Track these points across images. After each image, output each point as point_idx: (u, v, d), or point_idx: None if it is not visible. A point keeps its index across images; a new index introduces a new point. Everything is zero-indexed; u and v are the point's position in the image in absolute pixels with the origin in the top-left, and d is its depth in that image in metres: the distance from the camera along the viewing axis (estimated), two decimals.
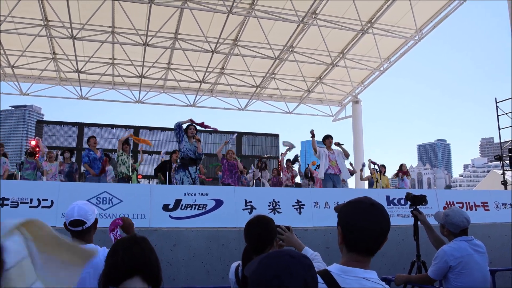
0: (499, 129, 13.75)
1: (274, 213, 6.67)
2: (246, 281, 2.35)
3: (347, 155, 9.35)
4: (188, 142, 8.05)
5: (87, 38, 15.08)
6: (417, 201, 4.25)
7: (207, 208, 6.46)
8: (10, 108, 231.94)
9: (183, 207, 6.38)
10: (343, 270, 1.61)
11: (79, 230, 2.60)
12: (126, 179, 9.69)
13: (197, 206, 6.43)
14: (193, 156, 8.03)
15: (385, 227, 1.63)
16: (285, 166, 11.88)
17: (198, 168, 8.36)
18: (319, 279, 1.55)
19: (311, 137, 9.19)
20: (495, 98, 13.91)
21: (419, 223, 4.15)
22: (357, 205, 1.68)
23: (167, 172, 10.02)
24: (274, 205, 6.77)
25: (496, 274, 4.91)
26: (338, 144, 9.28)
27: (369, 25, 15.33)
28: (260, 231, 2.53)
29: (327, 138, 9.36)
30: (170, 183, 9.72)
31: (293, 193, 7.21)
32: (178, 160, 8.23)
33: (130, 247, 1.67)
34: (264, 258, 1.25)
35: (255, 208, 6.63)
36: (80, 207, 2.64)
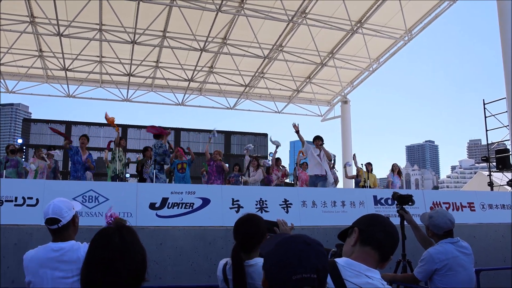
0: (487, 130, 13.85)
1: (262, 212, 6.66)
2: (236, 278, 2.35)
3: (329, 157, 9.10)
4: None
5: (74, 35, 14.89)
6: (403, 200, 4.25)
7: (194, 207, 6.42)
8: None
9: (169, 206, 6.34)
10: (349, 263, 1.67)
11: (55, 228, 2.56)
12: (121, 177, 9.49)
13: (184, 205, 6.39)
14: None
15: (397, 239, 1.78)
16: (275, 165, 11.82)
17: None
18: None
19: (296, 132, 8.99)
20: (483, 100, 14.01)
21: (405, 222, 4.16)
22: (378, 215, 1.86)
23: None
24: (261, 204, 6.76)
25: (481, 273, 4.94)
26: (320, 145, 8.96)
27: (358, 25, 15.38)
28: (250, 229, 2.51)
29: (316, 140, 9.11)
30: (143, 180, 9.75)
31: (280, 192, 7.20)
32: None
33: (110, 238, 1.60)
34: (281, 241, 1.31)
35: (242, 207, 6.61)
36: (55, 205, 2.58)
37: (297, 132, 8.95)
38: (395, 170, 11.76)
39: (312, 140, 9.27)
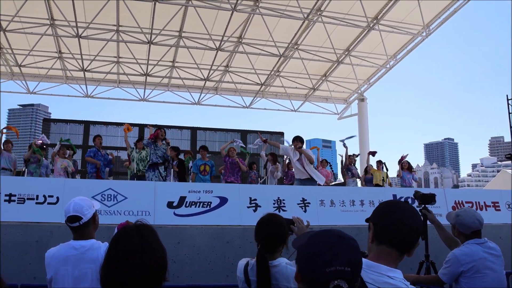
0: (511, 127, 13.49)
1: (279, 211, 6.63)
2: (262, 281, 2.32)
3: (310, 161, 8.00)
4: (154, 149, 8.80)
5: (92, 36, 15.08)
6: (426, 199, 4.17)
7: (212, 206, 6.43)
8: (18, 106, 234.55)
9: (187, 205, 6.36)
10: (368, 265, 1.59)
11: (77, 226, 2.59)
12: (139, 175, 9.57)
13: (201, 204, 6.40)
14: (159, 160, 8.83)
15: (415, 224, 1.65)
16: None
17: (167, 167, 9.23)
18: None
19: (264, 141, 8.94)
20: (507, 96, 13.65)
21: (428, 222, 4.05)
22: (391, 202, 1.75)
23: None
24: (279, 203, 6.73)
25: (510, 277, 4.74)
26: (299, 148, 7.98)
27: (375, 21, 15.19)
28: (272, 230, 2.50)
29: (294, 141, 8.13)
30: None
31: (298, 191, 7.16)
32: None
33: (131, 237, 1.59)
34: (314, 235, 1.33)
35: (259, 206, 6.59)
36: (76, 203, 2.63)
37: (265, 141, 8.87)
38: (405, 166, 11.45)
39: (291, 141, 8.36)
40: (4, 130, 10.22)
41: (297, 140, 8.11)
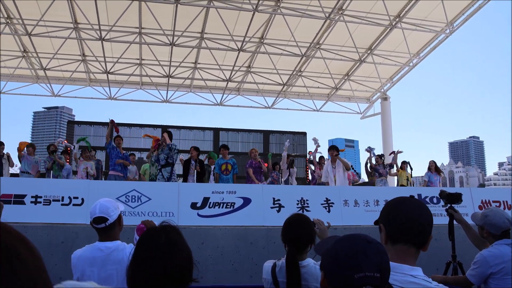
0: None
1: (303, 211, 6.58)
2: (292, 282, 2.31)
3: (347, 167, 8.81)
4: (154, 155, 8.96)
5: (115, 39, 15.30)
6: (452, 199, 4.07)
7: (235, 206, 6.43)
8: (43, 109, 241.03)
9: (211, 205, 6.37)
10: (391, 266, 1.57)
11: (102, 227, 2.61)
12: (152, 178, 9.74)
13: (225, 204, 6.40)
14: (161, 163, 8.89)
15: (425, 218, 1.63)
16: (318, 162, 11.60)
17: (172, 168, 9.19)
18: None
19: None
20: None
21: (454, 222, 3.96)
22: (397, 200, 1.70)
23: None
24: (302, 203, 6.68)
25: None
26: (335, 156, 8.74)
27: (397, 19, 14.97)
28: (302, 231, 2.51)
29: (330, 150, 8.86)
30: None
31: (322, 192, 7.10)
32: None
33: (156, 238, 1.60)
34: (340, 239, 1.29)
35: (283, 207, 6.56)
36: (102, 204, 2.65)
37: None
38: (432, 167, 11.23)
39: (327, 150, 9.02)
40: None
41: (333, 149, 8.84)
